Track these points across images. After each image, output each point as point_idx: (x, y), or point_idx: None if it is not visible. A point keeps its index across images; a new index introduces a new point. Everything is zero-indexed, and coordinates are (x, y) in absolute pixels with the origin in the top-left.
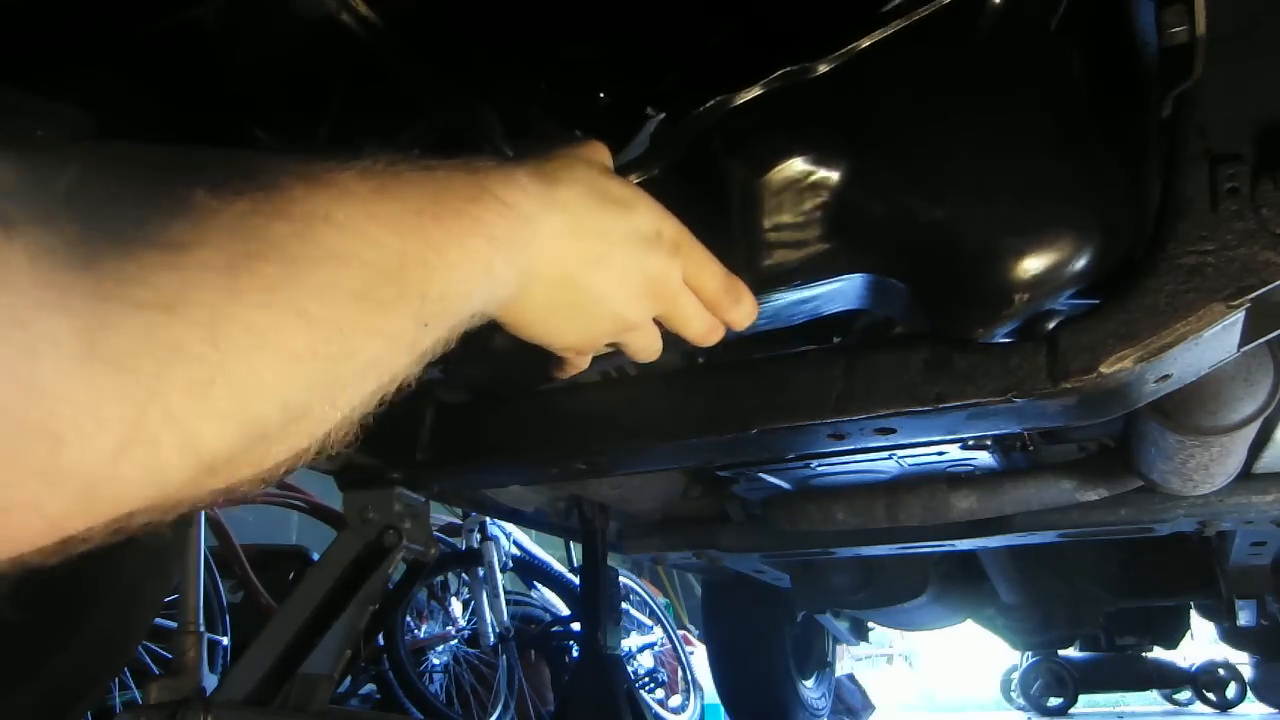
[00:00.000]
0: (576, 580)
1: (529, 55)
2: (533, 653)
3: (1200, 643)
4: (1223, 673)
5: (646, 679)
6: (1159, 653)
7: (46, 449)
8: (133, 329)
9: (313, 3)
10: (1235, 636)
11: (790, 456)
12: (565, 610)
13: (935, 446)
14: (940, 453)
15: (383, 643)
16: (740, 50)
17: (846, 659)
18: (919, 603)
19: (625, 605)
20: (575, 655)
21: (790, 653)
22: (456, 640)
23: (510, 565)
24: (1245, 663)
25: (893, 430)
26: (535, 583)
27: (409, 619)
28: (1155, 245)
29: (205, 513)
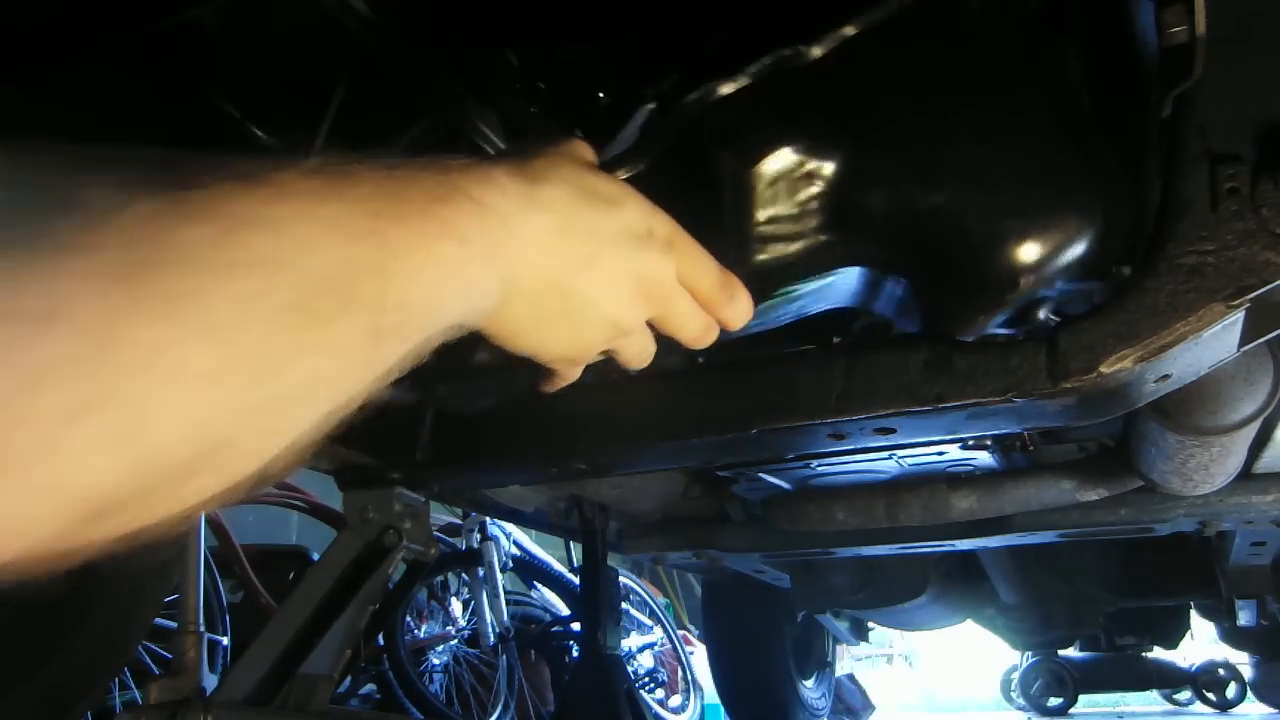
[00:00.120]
0: (576, 580)
1: (528, 55)
2: (533, 653)
3: (1200, 643)
4: (1223, 673)
5: (646, 679)
6: (1159, 653)
7: None
8: None
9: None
10: (1235, 636)
11: (790, 456)
12: (565, 610)
13: (935, 446)
14: (940, 453)
15: (383, 643)
16: (728, 35)
17: (846, 659)
18: (919, 603)
19: (625, 605)
20: (575, 655)
21: (790, 653)
22: (456, 640)
23: (510, 565)
24: (1245, 663)
25: (893, 430)
26: (535, 583)
27: (409, 619)
28: (1155, 245)
29: (205, 513)
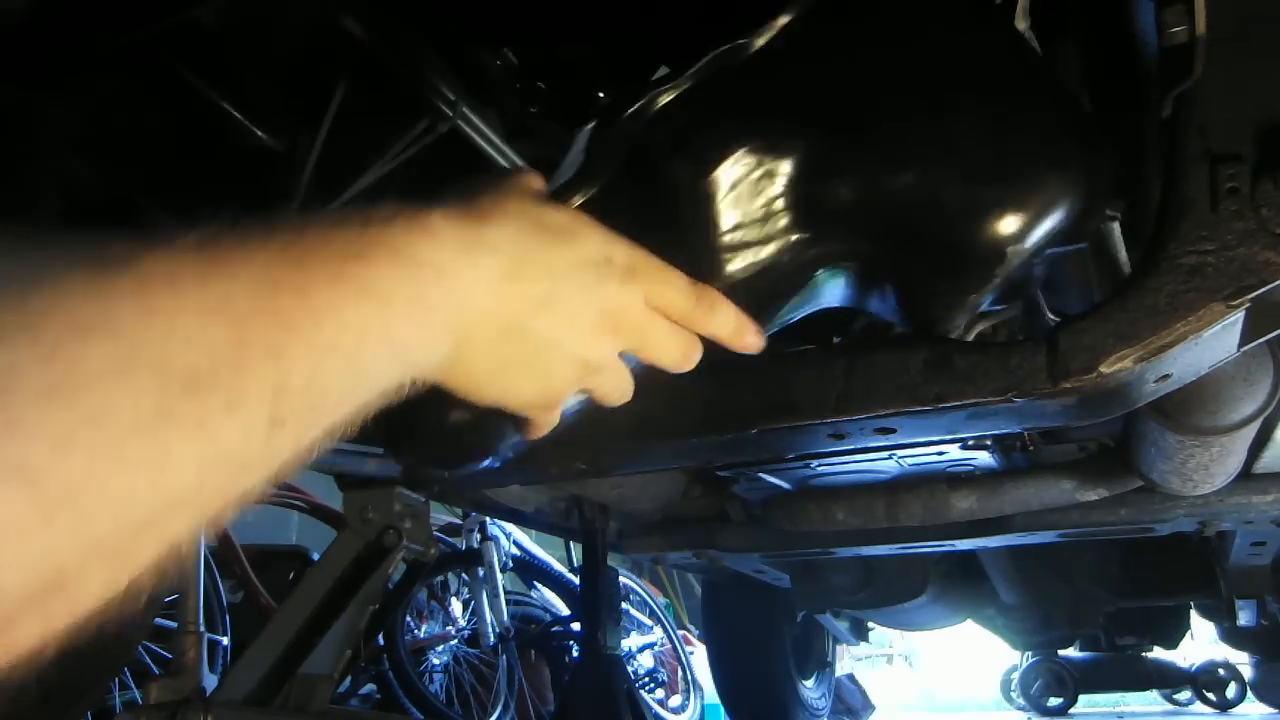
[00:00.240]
0: (576, 580)
1: (528, 55)
2: (533, 653)
3: (1200, 643)
4: (1223, 673)
5: (646, 679)
6: (1159, 653)
7: None
8: None
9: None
10: (1235, 636)
11: (790, 456)
12: (565, 610)
13: (935, 446)
14: (940, 453)
15: (383, 643)
16: (662, 39)
17: (846, 659)
18: (919, 603)
19: (625, 605)
20: (575, 655)
21: (790, 653)
22: (456, 640)
23: (510, 565)
24: (1245, 663)
25: (893, 430)
26: (535, 583)
27: (409, 619)
28: (1155, 245)
29: None
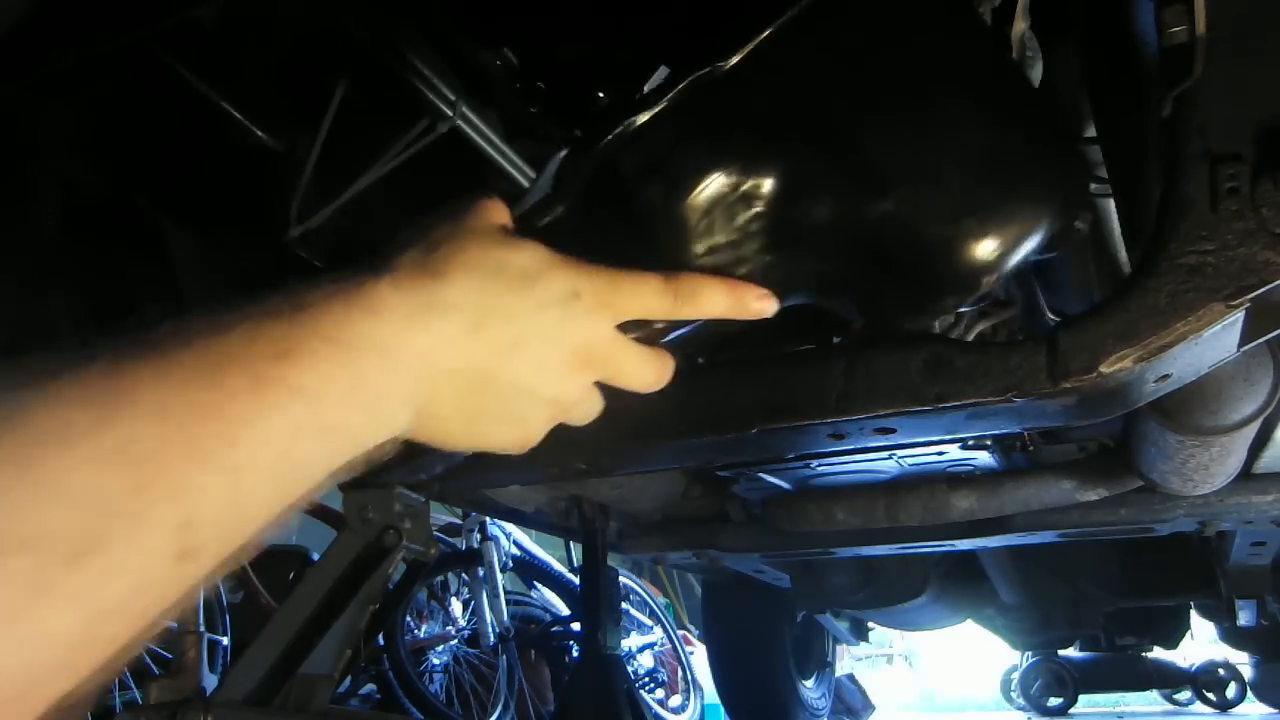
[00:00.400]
0: (576, 580)
1: (528, 55)
2: (533, 653)
3: (1200, 643)
4: (1223, 673)
5: (646, 679)
6: (1159, 653)
7: None
8: None
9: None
10: (1235, 636)
11: (790, 456)
12: (565, 610)
13: (935, 446)
14: (940, 453)
15: (383, 643)
16: (640, 65)
17: (846, 659)
18: (919, 603)
19: (625, 605)
20: (575, 655)
21: (790, 653)
22: (456, 640)
23: (510, 565)
24: (1245, 663)
25: (893, 430)
26: (535, 583)
27: (409, 619)
28: (1155, 245)
29: None
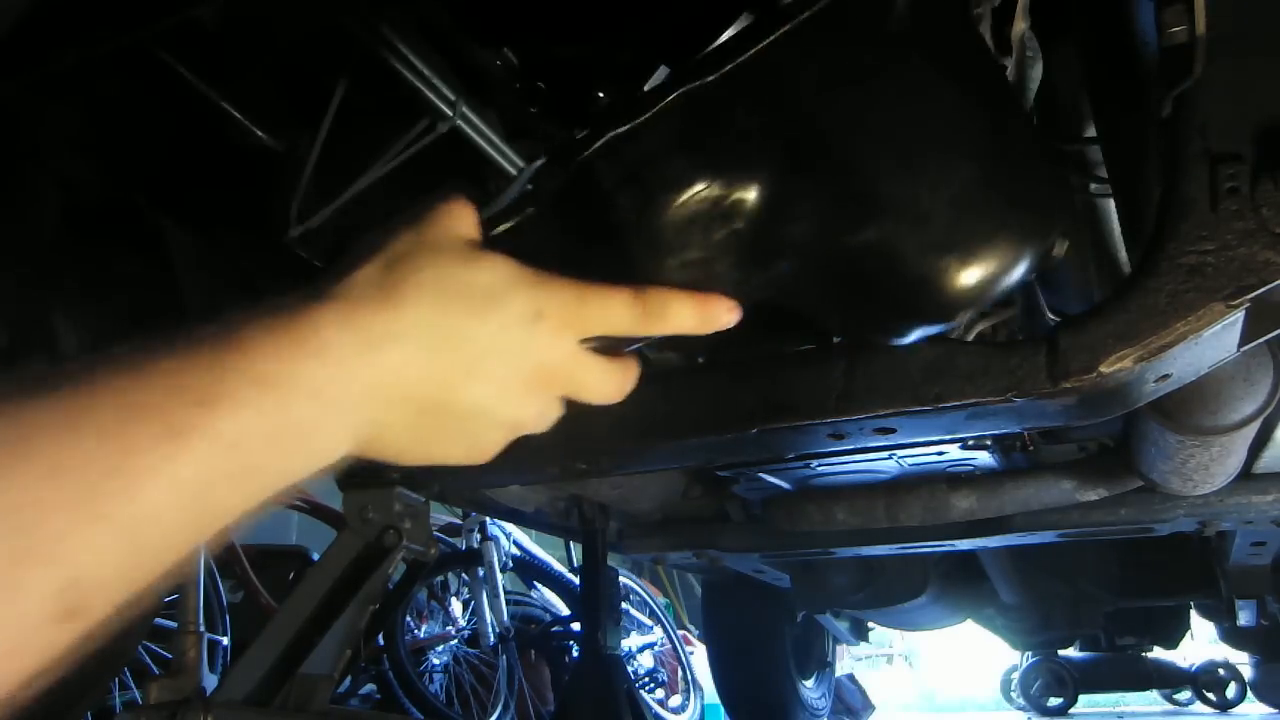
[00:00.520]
0: (576, 580)
1: (528, 55)
2: (533, 653)
3: (1200, 643)
4: (1223, 673)
5: (646, 679)
6: (1159, 653)
7: None
8: None
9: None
10: (1235, 636)
11: (790, 456)
12: (565, 610)
13: (935, 446)
14: (940, 453)
15: (383, 643)
16: (640, 64)
17: (846, 659)
18: (919, 603)
19: (625, 605)
20: (575, 655)
21: (790, 653)
22: (456, 640)
23: (510, 565)
24: (1245, 663)
25: (893, 430)
26: (535, 583)
27: (409, 619)
28: (1155, 245)
29: None
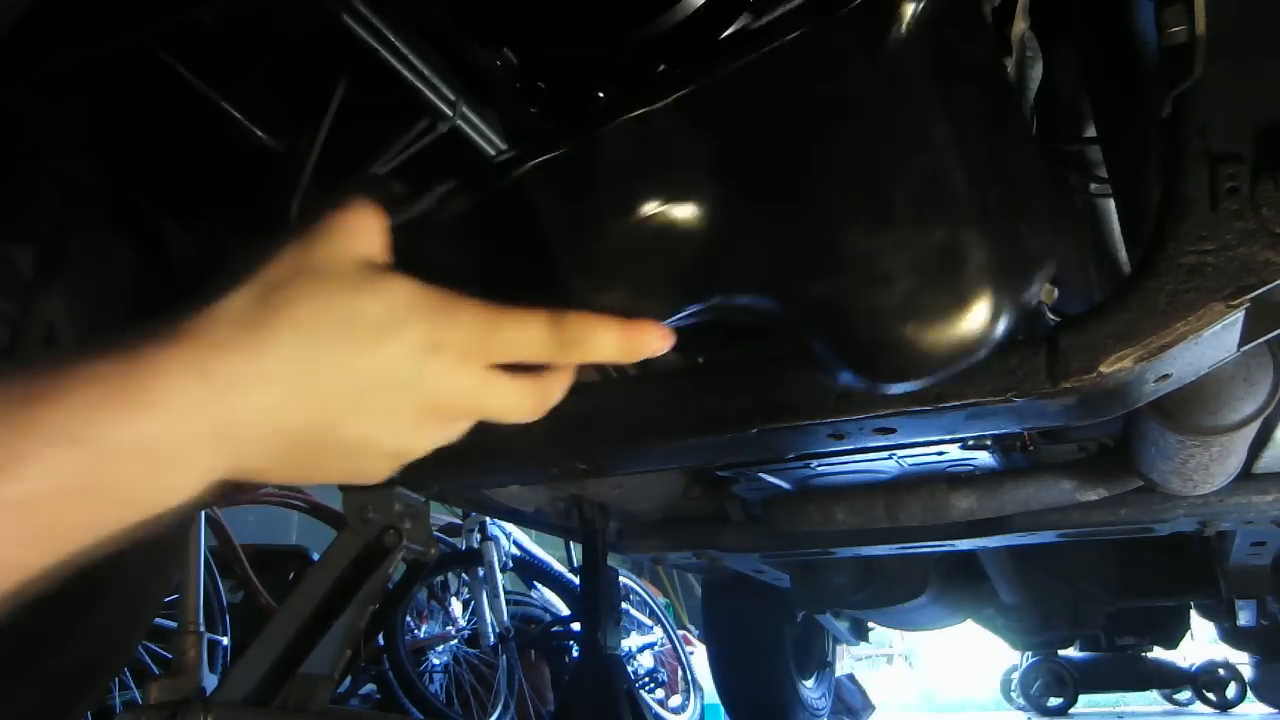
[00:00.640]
0: (576, 580)
1: (527, 55)
2: (533, 653)
3: (1200, 643)
4: (1223, 673)
5: (646, 679)
6: (1159, 653)
7: None
8: None
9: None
10: (1235, 636)
11: (790, 456)
12: (565, 610)
13: (935, 446)
14: (940, 453)
15: (383, 643)
16: (640, 64)
17: (846, 659)
18: (919, 603)
19: (625, 605)
20: (575, 655)
21: (790, 653)
22: (456, 640)
23: (510, 565)
24: (1245, 663)
25: (892, 430)
26: (535, 583)
27: (409, 619)
28: (1155, 245)
29: (205, 513)
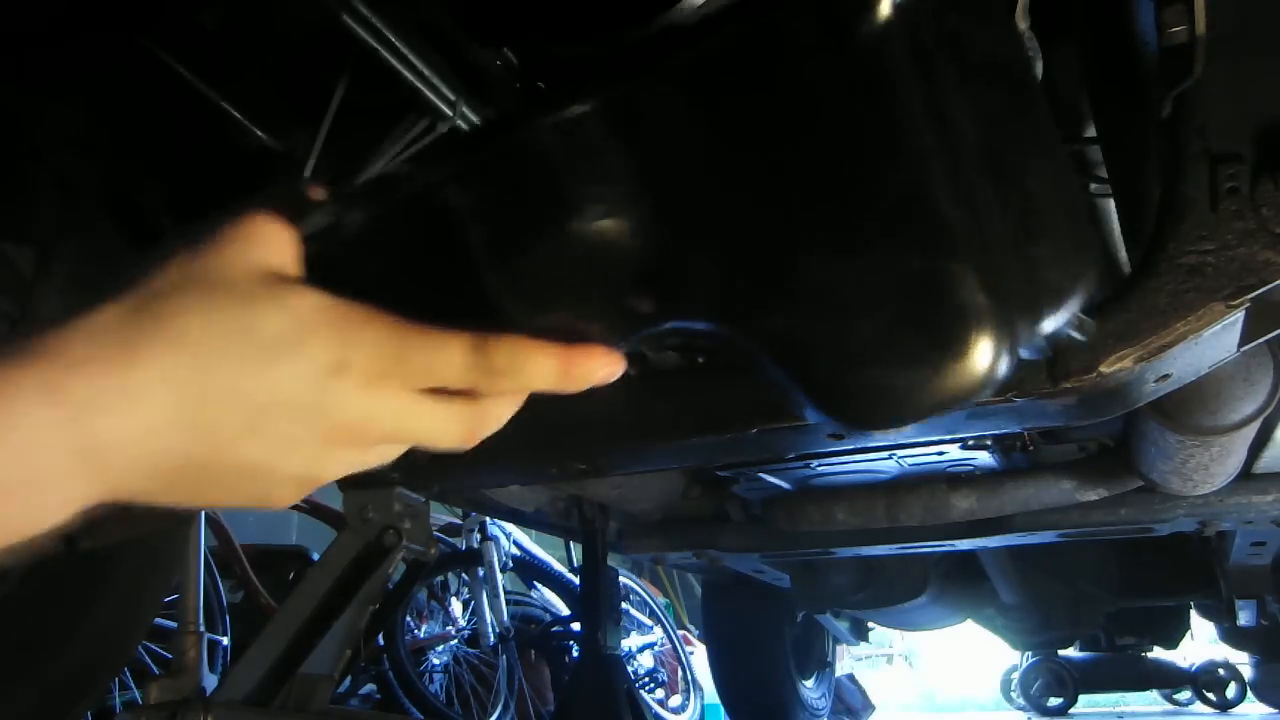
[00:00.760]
0: (576, 580)
1: (527, 55)
2: (533, 653)
3: (1200, 643)
4: (1223, 673)
5: (646, 679)
6: (1159, 653)
7: None
8: None
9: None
10: (1235, 636)
11: (790, 456)
12: (565, 610)
13: (935, 446)
14: (940, 453)
15: (383, 643)
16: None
17: (846, 659)
18: (919, 603)
19: (625, 605)
20: (575, 655)
21: (790, 653)
22: (456, 640)
23: (510, 565)
24: (1245, 663)
25: None
26: (535, 583)
27: (409, 619)
28: (1155, 245)
29: (205, 513)
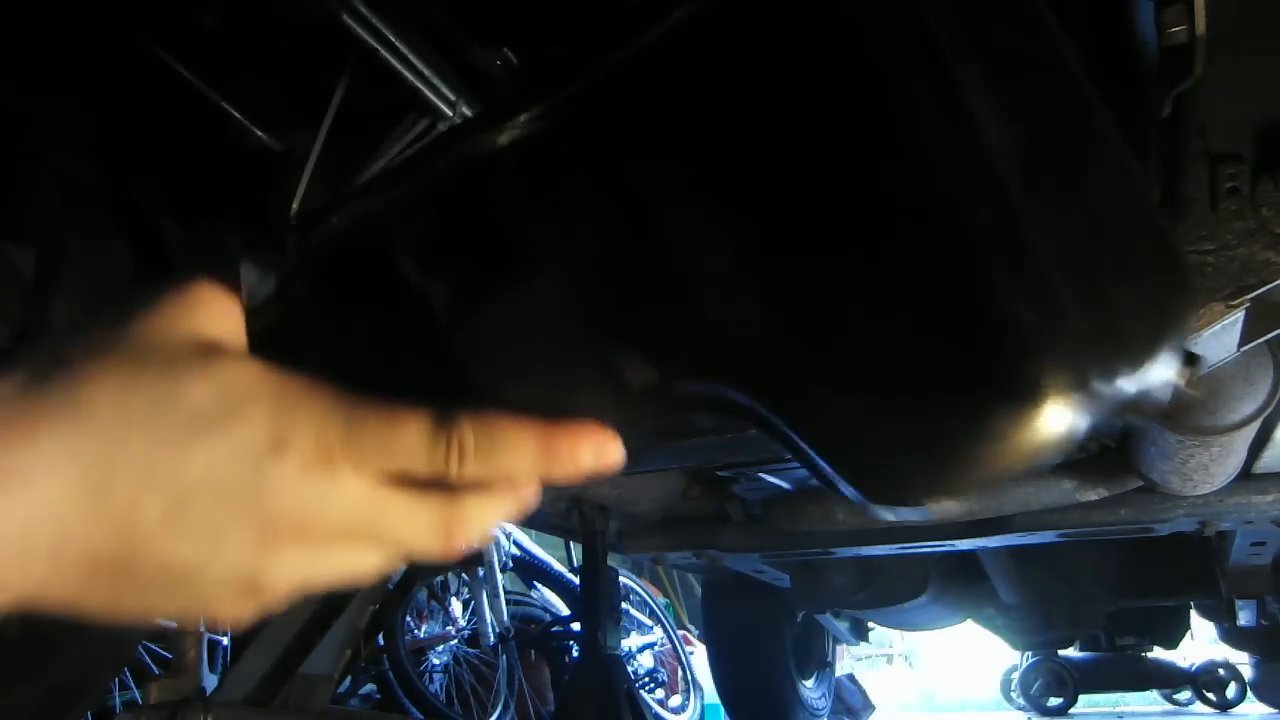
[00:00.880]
0: (576, 580)
1: (526, 55)
2: (533, 653)
3: (1200, 643)
4: (1223, 673)
5: (646, 679)
6: (1159, 653)
7: None
8: None
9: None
10: (1235, 636)
11: (790, 456)
12: (565, 610)
13: None
14: None
15: (383, 643)
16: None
17: (846, 659)
18: (919, 603)
19: (625, 605)
20: (575, 655)
21: (790, 653)
22: (456, 640)
23: (510, 565)
24: (1245, 663)
25: None
26: (535, 583)
27: (409, 619)
28: None
29: None
